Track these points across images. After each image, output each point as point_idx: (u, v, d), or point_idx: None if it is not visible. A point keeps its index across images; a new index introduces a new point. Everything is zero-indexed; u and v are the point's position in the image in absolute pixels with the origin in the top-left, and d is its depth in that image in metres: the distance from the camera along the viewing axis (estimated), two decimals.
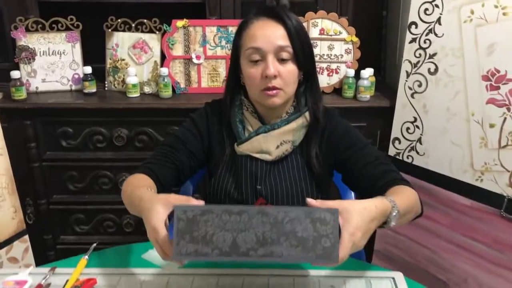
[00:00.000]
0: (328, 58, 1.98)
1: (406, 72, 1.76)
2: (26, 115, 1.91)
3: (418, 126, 1.76)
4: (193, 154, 1.27)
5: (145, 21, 1.98)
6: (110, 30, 2.01)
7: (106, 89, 2.07)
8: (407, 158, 1.82)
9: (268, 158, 1.24)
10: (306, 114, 1.25)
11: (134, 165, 1.98)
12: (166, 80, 1.95)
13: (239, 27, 1.23)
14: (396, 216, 0.97)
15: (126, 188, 1.14)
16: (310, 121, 1.24)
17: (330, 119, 1.27)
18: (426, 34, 1.68)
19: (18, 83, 1.89)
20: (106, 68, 2.05)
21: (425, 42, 1.69)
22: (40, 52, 1.99)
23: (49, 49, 2.00)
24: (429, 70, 1.69)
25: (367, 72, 1.91)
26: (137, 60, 2.02)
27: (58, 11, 2.00)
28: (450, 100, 1.65)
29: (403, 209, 1.00)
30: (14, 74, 1.89)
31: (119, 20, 1.99)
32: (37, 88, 2.01)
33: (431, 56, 1.68)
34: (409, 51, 1.74)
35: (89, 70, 1.98)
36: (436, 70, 1.68)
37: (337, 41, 1.96)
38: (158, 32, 1.99)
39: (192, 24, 1.97)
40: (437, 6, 1.64)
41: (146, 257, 1.18)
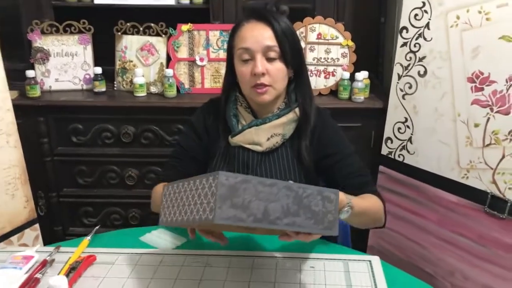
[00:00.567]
0: (325, 61, 2.07)
1: (398, 74, 1.84)
2: (40, 112, 2.03)
3: (408, 126, 1.84)
4: (195, 158, 1.40)
5: (152, 25, 2.10)
6: (119, 33, 2.13)
7: (115, 88, 2.19)
8: (399, 157, 1.90)
9: (259, 149, 1.33)
10: (296, 110, 1.34)
11: (140, 161, 2.12)
12: (171, 80, 2.06)
13: (232, 30, 1.34)
14: (347, 211, 1.08)
15: (154, 194, 1.36)
16: (300, 115, 1.34)
17: (321, 118, 1.36)
18: (416, 38, 1.77)
19: (33, 82, 2.02)
20: (115, 69, 2.17)
21: (415, 46, 1.77)
22: (54, 53, 2.12)
23: (62, 50, 2.13)
24: (418, 72, 1.78)
25: (361, 74, 2.00)
26: (144, 61, 2.14)
27: (71, 15, 2.13)
28: (438, 100, 1.72)
29: (357, 209, 1.12)
30: (29, 74, 2.02)
31: (128, 24, 2.11)
32: (50, 87, 2.13)
33: (421, 59, 1.76)
34: (400, 55, 1.82)
35: (99, 70, 2.10)
36: (425, 72, 1.76)
37: (333, 45, 2.06)
38: (164, 35, 2.10)
39: (196, 28, 2.08)
40: (426, 11, 1.72)
41: (144, 239, 1.28)
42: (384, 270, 1.13)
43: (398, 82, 1.85)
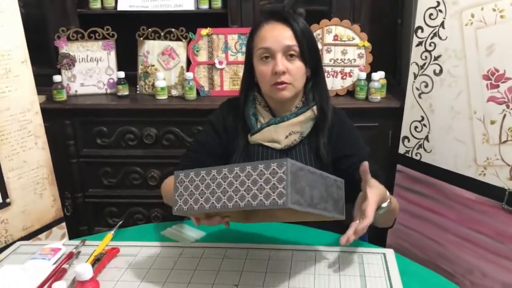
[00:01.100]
0: (341, 62, 2.11)
1: (414, 74, 1.86)
2: (66, 115, 2.11)
3: (425, 125, 1.86)
4: (211, 154, 1.43)
5: (173, 30, 2.17)
6: (141, 38, 2.20)
7: (138, 92, 2.26)
8: (416, 155, 1.91)
9: (277, 146, 1.37)
10: (314, 108, 1.38)
11: (162, 162, 2.18)
12: (191, 83, 2.12)
13: (251, 31, 1.38)
14: (388, 206, 1.14)
15: (164, 185, 1.40)
16: (318, 113, 1.37)
17: (338, 117, 1.40)
18: (431, 38, 1.79)
19: (59, 86, 2.11)
20: (137, 73, 2.24)
21: (430, 45, 1.79)
22: (79, 59, 2.20)
23: (87, 56, 2.21)
24: (434, 71, 1.79)
25: (378, 74, 2.02)
26: (165, 65, 2.20)
27: (96, 22, 2.22)
28: (454, 99, 1.74)
29: (392, 207, 1.19)
30: (56, 78, 2.11)
31: (150, 29, 2.18)
32: (76, 91, 2.22)
33: (436, 58, 1.78)
34: (416, 54, 1.85)
35: (122, 75, 2.18)
36: (440, 71, 1.77)
37: (350, 46, 2.09)
38: (184, 40, 2.17)
39: (215, 32, 2.14)
40: (440, 11, 1.74)
41: (165, 233, 1.33)
42: (398, 262, 1.15)
43: (414, 81, 1.87)
